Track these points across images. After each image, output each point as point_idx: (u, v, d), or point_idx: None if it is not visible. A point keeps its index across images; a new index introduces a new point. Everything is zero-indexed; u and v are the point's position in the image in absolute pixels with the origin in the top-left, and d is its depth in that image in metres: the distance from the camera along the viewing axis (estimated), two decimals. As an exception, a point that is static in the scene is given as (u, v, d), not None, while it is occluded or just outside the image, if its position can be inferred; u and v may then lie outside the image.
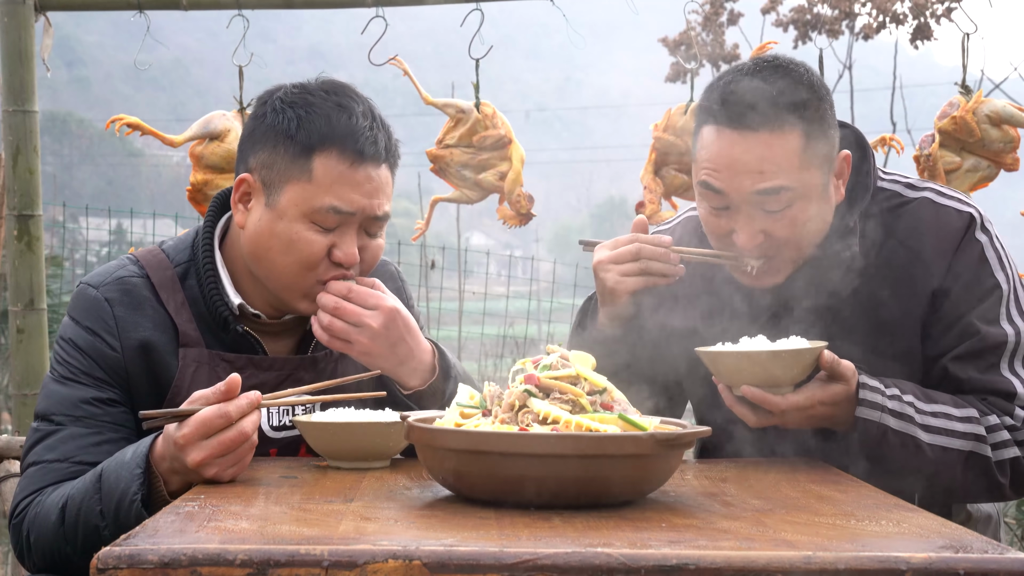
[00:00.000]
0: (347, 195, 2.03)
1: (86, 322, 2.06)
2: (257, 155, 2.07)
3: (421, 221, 3.58)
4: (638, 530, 1.45)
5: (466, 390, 1.79)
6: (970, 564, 1.30)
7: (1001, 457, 2.07)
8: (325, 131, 2.02)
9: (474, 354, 8.90)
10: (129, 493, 1.79)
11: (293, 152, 2.03)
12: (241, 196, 2.09)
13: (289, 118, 2.04)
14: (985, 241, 2.17)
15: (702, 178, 2.11)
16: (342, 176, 2.02)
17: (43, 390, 2.06)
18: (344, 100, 2.07)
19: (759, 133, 2.05)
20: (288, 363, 2.14)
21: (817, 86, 2.10)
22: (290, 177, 2.03)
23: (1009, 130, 3.15)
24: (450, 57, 12.67)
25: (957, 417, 2.06)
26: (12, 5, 3.37)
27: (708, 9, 7.34)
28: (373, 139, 2.05)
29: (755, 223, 2.09)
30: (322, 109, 2.04)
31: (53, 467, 1.97)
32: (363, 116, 2.05)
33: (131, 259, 2.14)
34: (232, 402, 1.77)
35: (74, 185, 38.93)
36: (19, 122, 3.39)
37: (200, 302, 2.09)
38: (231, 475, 1.79)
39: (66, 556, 1.91)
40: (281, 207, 2.03)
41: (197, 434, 1.75)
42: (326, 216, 2.02)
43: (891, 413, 2.01)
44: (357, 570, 1.29)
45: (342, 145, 2.02)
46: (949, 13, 6.73)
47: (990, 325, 2.13)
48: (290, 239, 2.03)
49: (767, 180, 2.05)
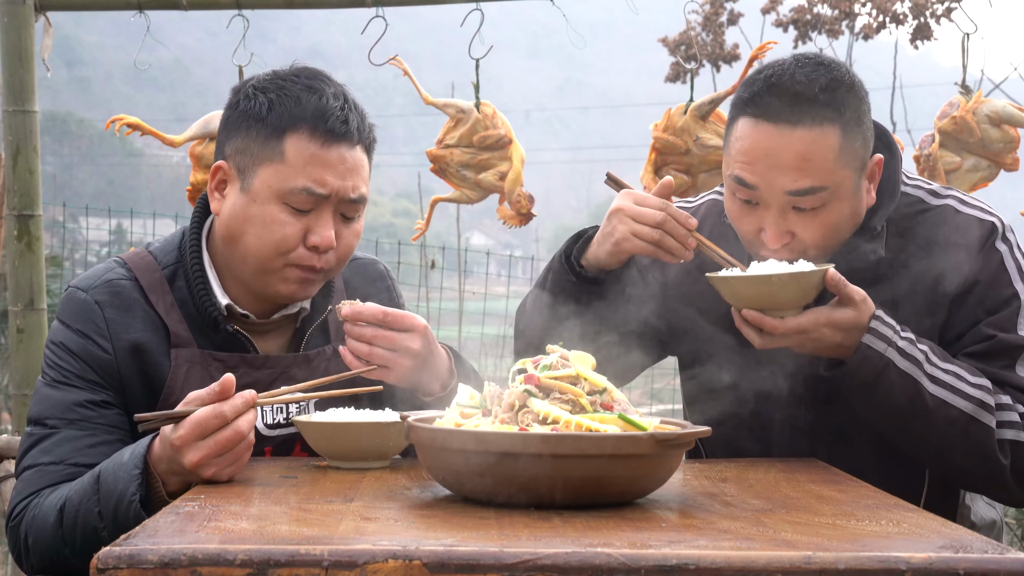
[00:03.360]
0: (320, 176, 2.02)
1: (76, 325, 2.05)
2: (232, 142, 2.08)
3: (421, 221, 3.59)
4: (638, 530, 1.45)
5: (466, 390, 1.79)
6: (970, 564, 1.30)
7: (1004, 436, 2.04)
8: (295, 112, 2.03)
9: (474, 354, 8.89)
10: (127, 494, 1.79)
11: (265, 134, 2.04)
12: (217, 184, 2.09)
13: (260, 102, 2.05)
14: (1005, 251, 2.15)
15: (735, 172, 2.07)
16: (314, 156, 2.02)
17: (35, 395, 2.06)
18: (315, 83, 2.07)
19: (797, 129, 2.01)
20: (281, 361, 2.14)
21: (858, 87, 2.07)
22: (263, 159, 2.03)
23: (1009, 130, 3.15)
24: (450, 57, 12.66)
25: (969, 381, 2.03)
26: (12, 5, 3.36)
27: (708, 9, 7.35)
28: (344, 118, 2.04)
29: (784, 222, 2.05)
30: (292, 91, 2.05)
31: (49, 469, 1.97)
32: (334, 97, 2.06)
33: (119, 262, 2.14)
34: (227, 402, 1.77)
35: (74, 185, 38.94)
36: (19, 122, 3.39)
37: (189, 303, 2.09)
38: (229, 474, 1.79)
39: (64, 558, 1.91)
40: (255, 190, 2.04)
41: (193, 435, 1.75)
42: (299, 198, 2.02)
43: (899, 351, 1.99)
44: (357, 570, 1.29)
45: (312, 125, 2.02)
46: (949, 13, 6.73)
47: (1006, 332, 2.11)
48: (264, 221, 2.03)
49: (802, 179, 2.01)
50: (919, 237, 2.17)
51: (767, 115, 2.03)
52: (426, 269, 7.78)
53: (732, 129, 2.10)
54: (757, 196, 2.06)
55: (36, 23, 3.41)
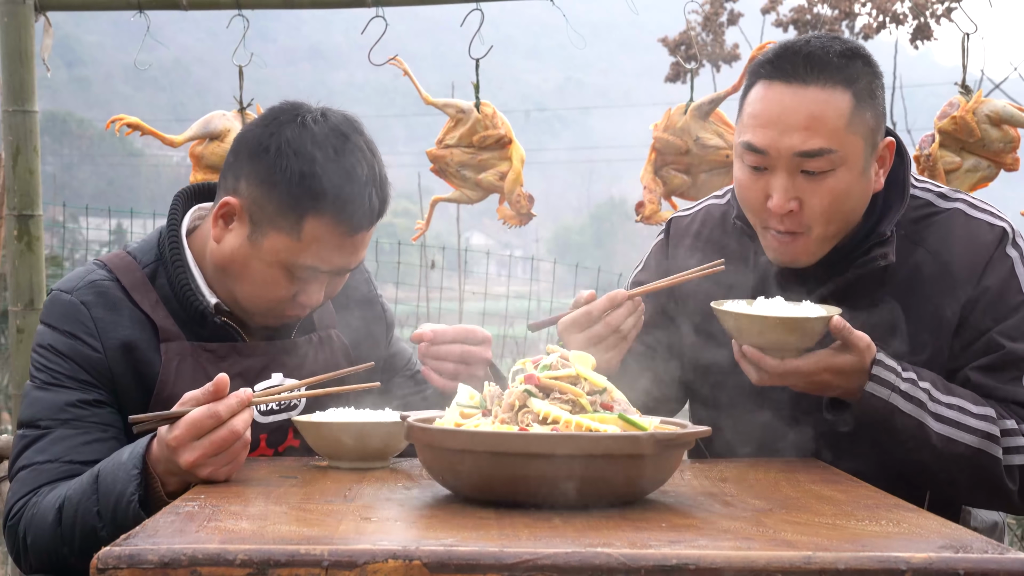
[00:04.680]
0: (329, 257, 2.04)
1: (65, 326, 2.05)
2: (249, 185, 2.03)
3: (421, 221, 3.58)
4: (638, 530, 1.45)
5: (466, 390, 1.79)
6: (970, 564, 1.30)
7: (1011, 462, 2.04)
8: (322, 196, 1.99)
9: (474, 354, 8.88)
10: (126, 494, 1.79)
11: (287, 204, 2.00)
12: (224, 215, 2.07)
13: (292, 169, 1.99)
14: (1016, 257, 2.13)
15: (745, 138, 2.08)
16: (330, 242, 2.02)
17: (25, 399, 2.05)
18: (350, 162, 2.01)
19: (810, 88, 2.03)
20: (271, 348, 2.15)
21: (873, 63, 2.10)
22: (278, 227, 2.01)
23: (1009, 130, 3.15)
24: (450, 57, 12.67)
25: (972, 413, 2.03)
26: (12, 5, 3.36)
27: (708, 9, 7.34)
28: (369, 208, 2.03)
29: (792, 187, 2.05)
30: (324, 170, 1.99)
31: (45, 468, 1.97)
32: (365, 183, 2.01)
33: (98, 264, 2.14)
34: (222, 401, 1.78)
35: (74, 185, 38.92)
36: (19, 122, 3.38)
37: (173, 299, 2.10)
38: (226, 473, 1.79)
39: (63, 557, 1.91)
40: (262, 249, 2.03)
41: (188, 435, 1.75)
42: (303, 271, 2.04)
43: (902, 395, 1.98)
44: (357, 570, 1.29)
45: (337, 215, 2.00)
46: (949, 13, 6.72)
47: (1015, 341, 2.09)
48: (263, 281, 2.05)
49: (812, 139, 2.02)
50: (928, 242, 2.15)
51: (780, 75, 2.05)
52: (426, 269, 7.78)
53: (745, 98, 2.12)
54: (766, 161, 2.06)
55: (36, 23, 3.41)
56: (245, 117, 3.38)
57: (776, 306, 1.99)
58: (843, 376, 1.98)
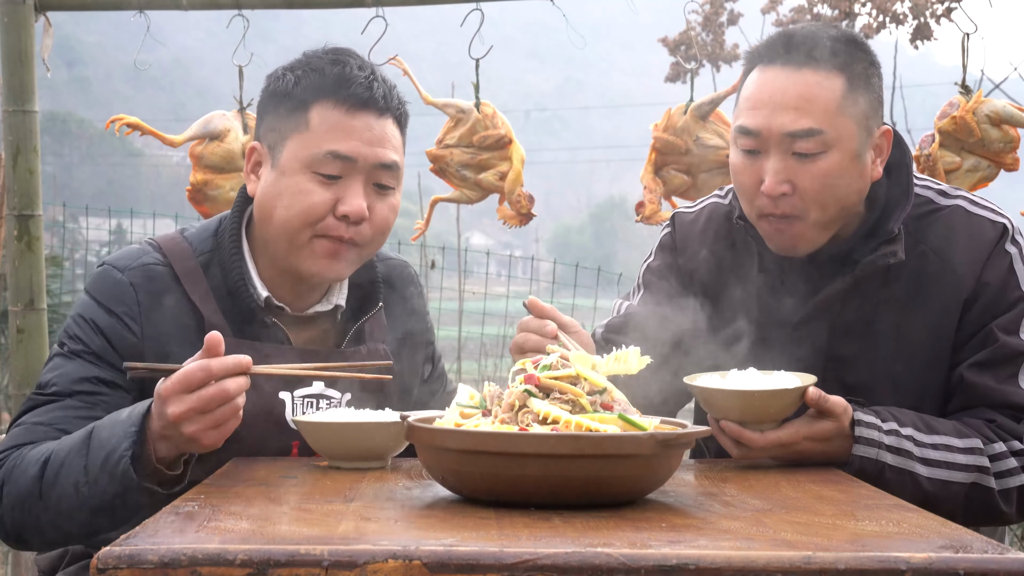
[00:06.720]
0: (345, 141, 2.03)
1: (108, 303, 2.04)
2: (264, 123, 2.11)
3: (421, 221, 3.59)
4: (638, 530, 1.45)
5: (466, 390, 1.79)
6: (970, 564, 1.30)
7: (1006, 486, 2.04)
8: (319, 83, 2.05)
9: (474, 354, 8.89)
10: (120, 449, 1.76)
11: (291, 107, 2.06)
12: (252, 166, 2.11)
13: (288, 80, 2.08)
14: (1015, 253, 2.14)
15: (739, 122, 2.12)
16: (339, 123, 2.03)
17: (48, 362, 2.04)
18: (340, 56, 2.10)
19: (803, 71, 2.07)
20: (318, 356, 2.10)
21: (869, 51, 2.12)
22: (290, 132, 2.05)
23: (1009, 130, 3.15)
24: (450, 57, 12.68)
25: (959, 448, 2.03)
26: (12, 5, 3.37)
27: (708, 9, 7.35)
28: (368, 86, 2.06)
29: (784, 169, 2.07)
30: (317, 65, 2.08)
31: (36, 429, 1.95)
32: (359, 68, 2.08)
33: (153, 246, 2.11)
34: (216, 359, 1.73)
35: (74, 185, 38.92)
36: (19, 122, 3.39)
37: (223, 292, 2.08)
38: (212, 439, 1.75)
39: (34, 515, 1.86)
40: (284, 163, 2.05)
41: (178, 387, 1.71)
42: (326, 162, 2.02)
43: (888, 449, 1.98)
44: (357, 570, 1.29)
45: (336, 93, 2.04)
46: (949, 13, 6.72)
47: (1010, 335, 2.10)
48: (292, 192, 2.03)
49: (802, 119, 2.05)
50: (929, 239, 2.16)
51: (774, 58, 2.10)
52: (426, 269, 7.78)
53: (742, 85, 2.16)
54: (758, 143, 2.09)
55: (36, 23, 3.42)
56: (245, 117, 3.39)
57: (750, 378, 1.97)
58: (825, 442, 1.98)
